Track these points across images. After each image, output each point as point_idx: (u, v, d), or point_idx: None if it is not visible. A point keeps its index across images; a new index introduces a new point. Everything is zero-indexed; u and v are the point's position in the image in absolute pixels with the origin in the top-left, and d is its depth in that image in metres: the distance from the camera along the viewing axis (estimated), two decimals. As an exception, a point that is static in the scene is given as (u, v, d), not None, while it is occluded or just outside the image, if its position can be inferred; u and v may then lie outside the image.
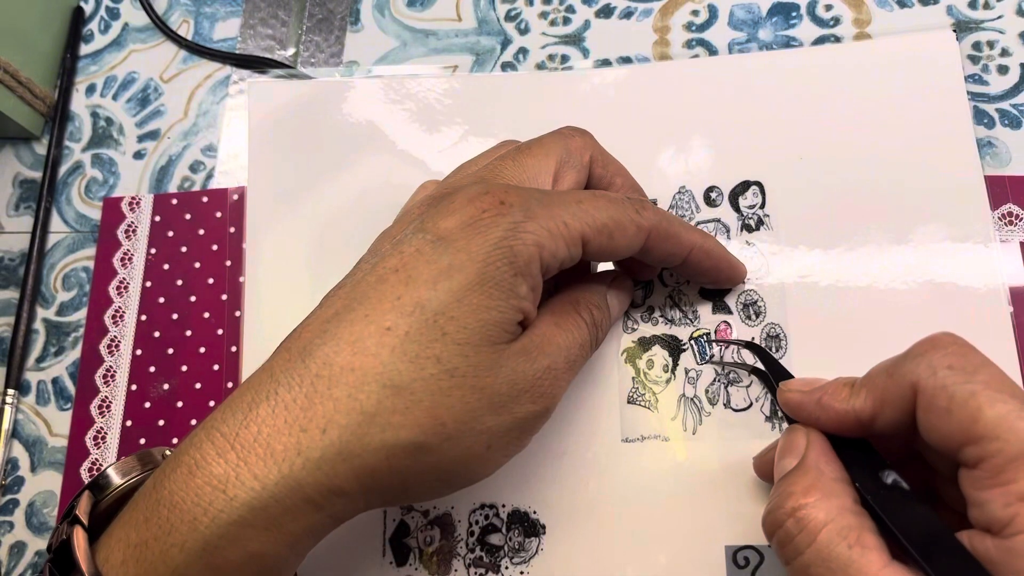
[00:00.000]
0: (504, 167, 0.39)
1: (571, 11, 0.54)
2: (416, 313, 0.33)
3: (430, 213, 0.36)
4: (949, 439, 0.31)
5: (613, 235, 0.37)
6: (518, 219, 0.35)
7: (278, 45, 0.57)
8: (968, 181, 0.46)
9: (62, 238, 0.54)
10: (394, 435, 0.32)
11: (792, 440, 0.36)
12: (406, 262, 0.34)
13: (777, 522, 0.33)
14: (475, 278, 0.33)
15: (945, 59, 0.49)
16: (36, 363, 0.52)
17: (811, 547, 0.31)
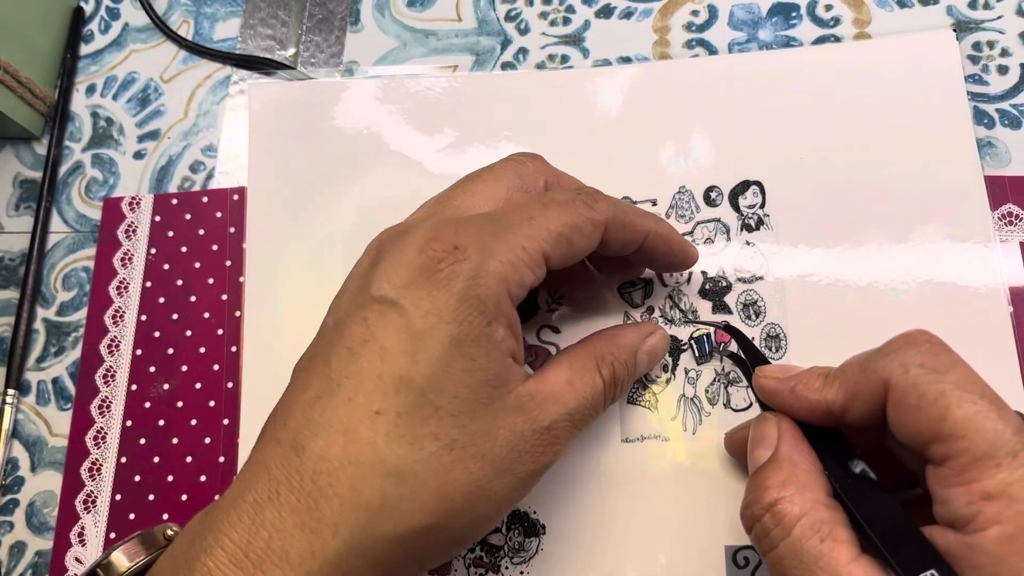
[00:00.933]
0: (453, 196, 0.38)
1: (571, 11, 0.54)
2: (403, 391, 0.32)
3: (384, 268, 0.34)
4: (917, 436, 0.31)
5: (572, 240, 0.36)
6: (476, 262, 0.33)
7: (278, 45, 0.57)
8: (968, 181, 0.46)
9: (62, 238, 0.54)
10: (405, 524, 0.32)
11: (763, 430, 0.37)
12: (374, 332, 0.33)
13: (755, 517, 0.33)
14: (451, 342, 0.32)
15: (945, 59, 0.49)
16: (36, 363, 0.52)
17: (785, 541, 0.32)
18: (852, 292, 0.45)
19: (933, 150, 0.47)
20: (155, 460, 0.49)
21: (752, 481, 0.35)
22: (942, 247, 0.46)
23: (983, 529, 0.29)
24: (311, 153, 0.53)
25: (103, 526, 0.48)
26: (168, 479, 0.49)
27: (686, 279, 0.47)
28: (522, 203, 0.37)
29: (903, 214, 0.46)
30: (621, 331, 0.41)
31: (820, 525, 0.31)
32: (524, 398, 0.34)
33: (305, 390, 0.34)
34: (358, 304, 0.35)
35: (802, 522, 0.32)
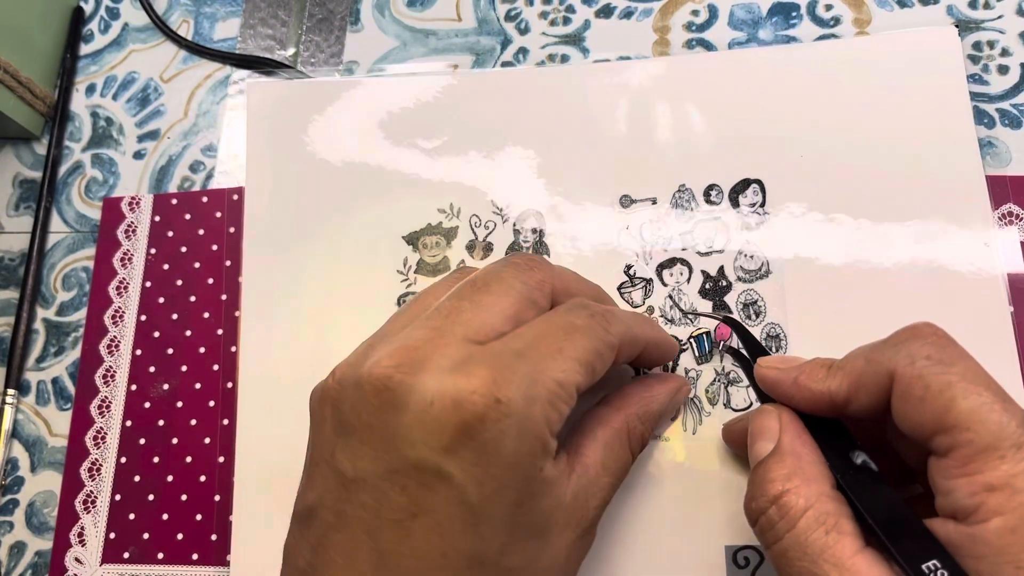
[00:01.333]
0: (461, 310, 0.34)
1: (571, 11, 0.54)
2: (476, 568, 0.31)
3: (410, 423, 0.31)
4: (921, 427, 0.31)
5: (595, 368, 0.35)
6: (521, 415, 0.31)
7: (278, 45, 0.57)
8: (970, 178, 0.46)
9: (62, 238, 0.54)
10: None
11: (764, 423, 0.37)
12: (422, 504, 0.30)
13: (760, 509, 0.33)
14: (513, 506, 0.31)
15: (947, 55, 0.49)
16: (36, 363, 0.52)
17: (790, 533, 0.32)
18: (853, 292, 0.45)
19: (935, 146, 0.47)
20: (155, 460, 0.49)
21: (755, 474, 0.35)
22: (944, 246, 0.45)
23: (985, 520, 0.29)
24: (310, 152, 0.53)
25: (103, 526, 0.48)
26: (168, 479, 0.49)
27: (686, 279, 0.47)
28: (545, 332, 0.34)
29: (905, 213, 0.46)
30: (653, 392, 0.41)
31: (825, 517, 0.31)
32: (571, 507, 0.34)
33: (351, 568, 0.31)
34: (387, 465, 0.31)
35: (807, 514, 0.32)
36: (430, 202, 0.50)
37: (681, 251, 0.48)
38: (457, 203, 0.50)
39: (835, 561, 0.30)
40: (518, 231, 0.49)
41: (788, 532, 0.32)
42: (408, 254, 0.50)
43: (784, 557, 0.32)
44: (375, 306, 0.49)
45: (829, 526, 0.31)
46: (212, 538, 0.48)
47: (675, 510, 0.44)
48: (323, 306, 0.50)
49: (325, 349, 0.49)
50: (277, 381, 0.49)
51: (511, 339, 0.33)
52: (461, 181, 0.51)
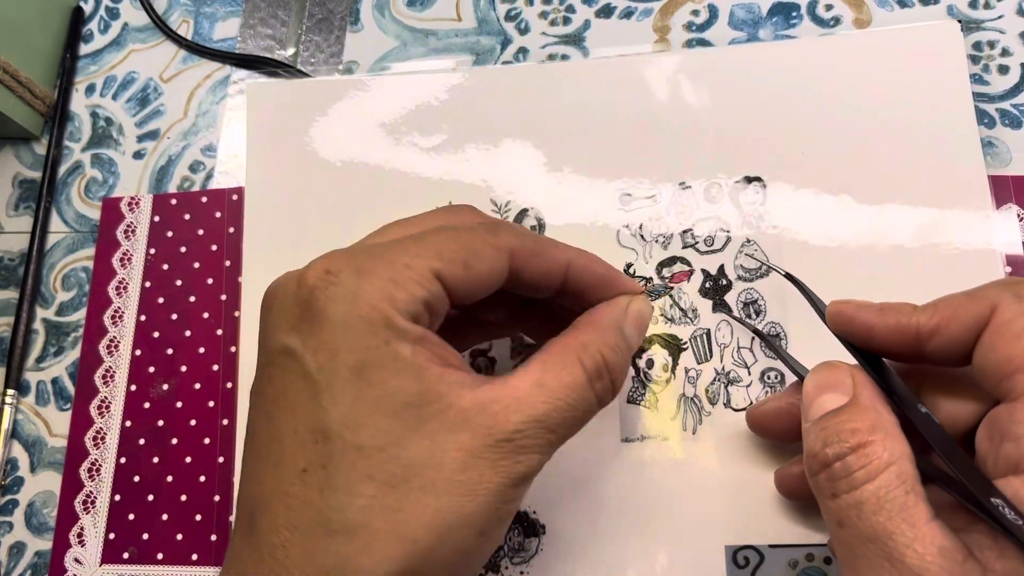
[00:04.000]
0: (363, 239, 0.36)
1: (571, 11, 0.54)
2: (320, 441, 0.30)
3: (272, 316, 0.33)
4: (1009, 363, 0.31)
5: (469, 263, 0.33)
6: (351, 283, 0.31)
7: (278, 45, 0.57)
8: (972, 174, 0.46)
9: (62, 238, 0.54)
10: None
11: (835, 376, 0.35)
12: (281, 388, 0.31)
13: (838, 454, 0.32)
14: (350, 373, 0.30)
15: (950, 50, 0.48)
16: (36, 363, 0.52)
17: (870, 484, 0.30)
18: (855, 290, 0.45)
19: (937, 141, 0.47)
20: (154, 460, 0.49)
21: (827, 422, 0.33)
22: (948, 244, 0.45)
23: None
24: (309, 152, 0.53)
25: (102, 526, 0.48)
26: (167, 479, 0.49)
27: (687, 278, 0.47)
28: (417, 232, 0.35)
29: (908, 211, 0.46)
30: (599, 311, 0.38)
31: (906, 476, 0.30)
32: (471, 411, 0.31)
33: (244, 465, 0.33)
34: (262, 363, 0.33)
35: (890, 469, 0.30)
36: (430, 200, 0.50)
37: (681, 249, 0.47)
38: (456, 201, 0.50)
39: (912, 522, 0.29)
40: (518, 230, 0.49)
41: (867, 483, 0.30)
42: (408, 253, 0.50)
43: (857, 508, 0.30)
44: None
45: (908, 487, 0.30)
46: (212, 538, 0.48)
47: (675, 510, 0.44)
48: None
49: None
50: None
51: (378, 237, 0.35)
52: (460, 179, 0.50)
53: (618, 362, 0.36)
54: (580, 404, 0.34)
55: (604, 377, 0.35)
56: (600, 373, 0.34)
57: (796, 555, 0.43)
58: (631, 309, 0.38)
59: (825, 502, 0.32)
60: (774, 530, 0.43)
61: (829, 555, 0.42)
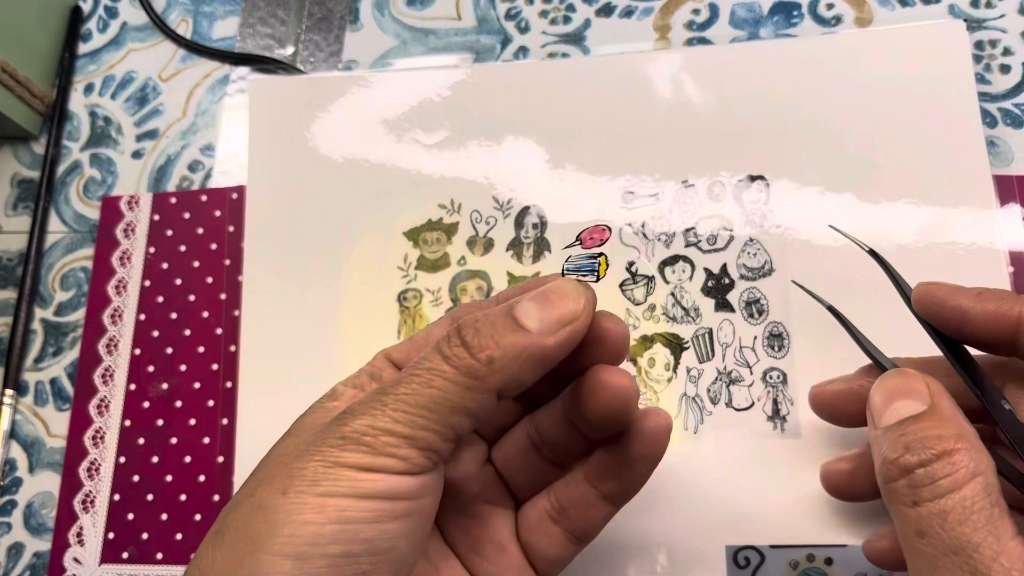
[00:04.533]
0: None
1: (571, 10, 0.54)
2: None
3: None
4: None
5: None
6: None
7: (277, 44, 0.56)
8: (977, 174, 0.46)
9: (60, 238, 0.54)
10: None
11: (909, 383, 0.33)
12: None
13: (923, 461, 0.30)
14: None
15: (955, 49, 0.48)
16: (34, 363, 0.52)
17: (956, 494, 0.29)
18: (857, 290, 0.45)
19: (942, 140, 0.47)
20: (154, 460, 0.49)
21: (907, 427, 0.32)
22: (950, 245, 0.45)
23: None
24: (311, 148, 0.52)
25: (102, 526, 0.48)
26: (167, 479, 0.48)
27: (689, 276, 0.47)
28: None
29: (912, 209, 0.46)
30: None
31: (992, 489, 0.29)
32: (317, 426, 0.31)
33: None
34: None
35: (977, 479, 0.29)
36: (431, 198, 0.50)
37: (684, 248, 0.47)
38: (458, 198, 0.50)
39: (998, 535, 0.28)
40: (519, 226, 0.49)
41: (952, 493, 0.29)
42: (408, 250, 0.50)
43: (941, 518, 0.29)
44: (375, 303, 0.49)
45: (994, 499, 0.29)
46: (211, 538, 0.47)
47: (675, 510, 0.43)
48: (324, 303, 0.49)
49: (326, 347, 0.49)
50: (277, 381, 0.49)
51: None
52: (462, 176, 0.50)
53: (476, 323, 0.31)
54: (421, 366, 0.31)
55: (452, 337, 0.31)
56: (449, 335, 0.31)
57: (797, 555, 0.42)
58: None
59: (903, 510, 0.31)
60: (775, 530, 0.43)
61: (830, 555, 0.42)
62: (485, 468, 0.38)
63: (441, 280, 0.49)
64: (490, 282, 0.49)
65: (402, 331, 0.48)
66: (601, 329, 0.34)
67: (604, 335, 0.34)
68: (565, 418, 0.36)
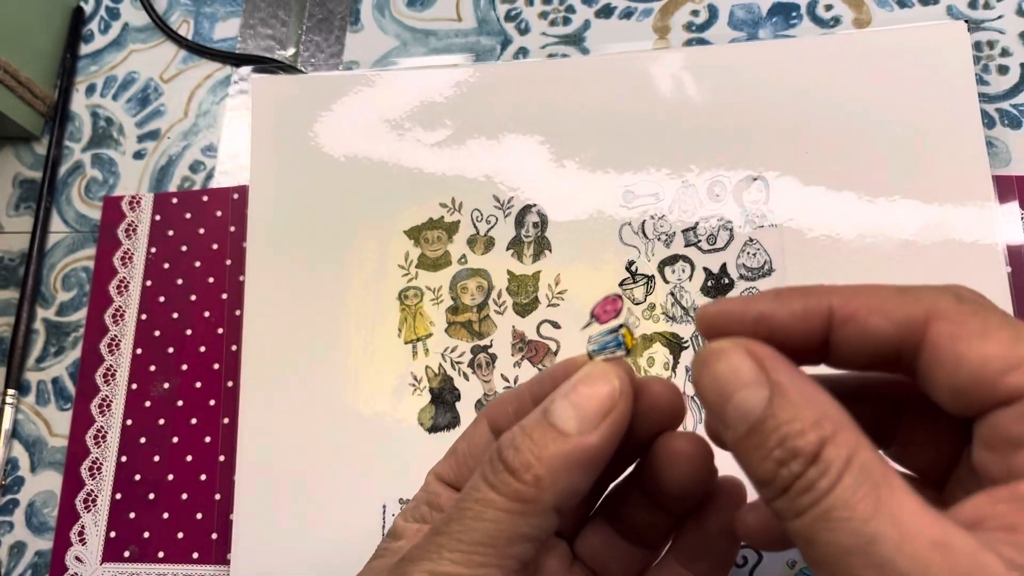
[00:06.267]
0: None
1: (571, 11, 0.54)
2: None
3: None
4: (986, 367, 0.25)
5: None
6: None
7: (278, 45, 0.57)
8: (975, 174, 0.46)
9: (62, 238, 0.54)
10: None
11: (731, 364, 0.27)
12: None
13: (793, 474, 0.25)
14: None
15: (956, 50, 0.48)
16: (36, 363, 0.52)
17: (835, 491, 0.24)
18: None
19: (942, 140, 0.47)
20: (155, 459, 0.49)
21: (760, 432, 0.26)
22: (952, 243, 0.45)
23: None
24: (313, 147, 0.53)
25: (103, 525, 0.48)
26: (168, 478, 0.49)
27: (688, 276, 0.47)
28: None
29: (912, 210, 0.46)
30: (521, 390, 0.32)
31: (872, 465, 0.24)
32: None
33: None
34: None
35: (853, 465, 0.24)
36: (432, 196, 0.51)
37: (684, 247, 0.48)
38: (459, 197, 0.50)
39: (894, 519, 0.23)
40: (520, 225, 0.49)
41: (832, 491, 0.24)
42: (409, 248, 0.50)
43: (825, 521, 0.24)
44: (376, 301, 0.49)
45: (878, 476, 0.24)
46: (212, 537, 0.47)
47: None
48: (325, 302, 0.50)
49: (327, 346, 0.49)
50: (279, 381, 0.49)
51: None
52: (463, 175, 0.51)
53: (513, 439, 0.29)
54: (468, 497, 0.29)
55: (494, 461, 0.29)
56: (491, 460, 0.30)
57: (794, 555, 0.42)
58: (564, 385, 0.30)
59: (789, 525, 0.25)
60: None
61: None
62: (574, 568, 0.34)
63: (442, 278, 0.49)
64: (490, 281, 0.49)
65: (402, 329, 0.49)
66: (652, 397, 0.31)
67: (656, 402, 0.31)
68: (643, 496, 0.33)
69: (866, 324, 0.27)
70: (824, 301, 0.27)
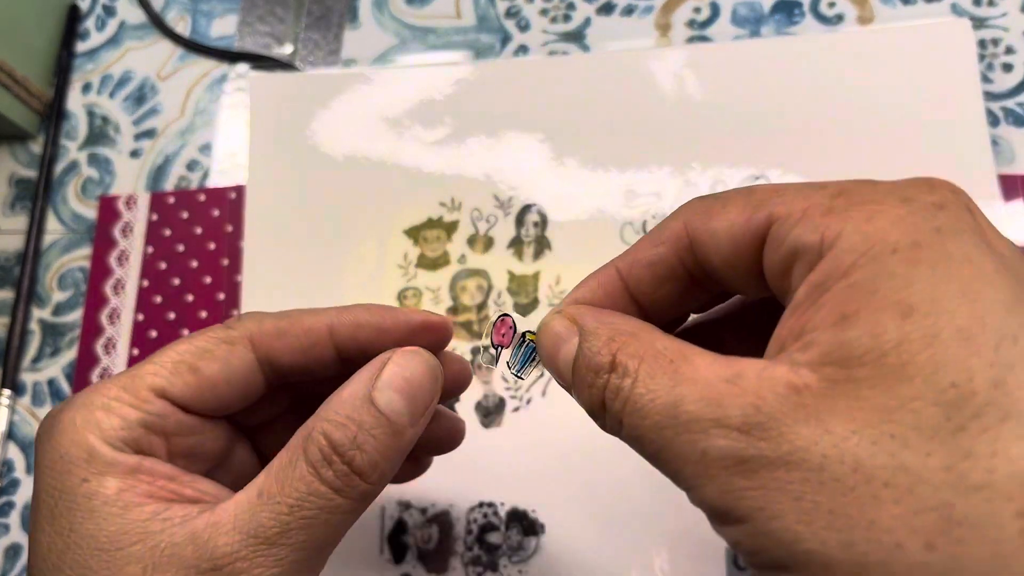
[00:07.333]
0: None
1: (571, 8, 0.54)
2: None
3: None
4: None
5: (197, 366, 0.30)
6: (59, 421, 0.29)
7: (276, 42, 0.56)
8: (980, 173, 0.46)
9: (58, 238, 0.54)
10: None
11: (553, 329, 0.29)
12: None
13: (603, 385, 0.26)
14: (46, 523, 0.28)
15: (960, 48, 0.48)
16: (32, 363, 0.52)
17: (638, 382, 0.25)
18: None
19: (946, 138, 0.47)
20: (152, 461, 0.49)
21: (578, 370, 0.27)
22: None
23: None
24: (312, 146, 0.52)
25: (99, 528, 0.48)
26: (165, 480, 0.48)
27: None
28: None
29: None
30: (345, 384, 0.30)
31: (667, 350, 0.25)
32: (181, 544, 0.27)
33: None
34: None
35: (646, 359, 0.25)
36: (431, 195, 0.50)
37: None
38: (458, 197, 0.50)
39: (692, 379, 0.24)
40: (520, 225, 0.49)
41: (634, 385, 0.25)
42: (408, 248, 0.49)
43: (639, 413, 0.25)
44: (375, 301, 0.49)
45: (673, 355, 0.25)
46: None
47: (675, 512, 0.43)
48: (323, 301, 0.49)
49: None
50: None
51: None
52: (462, 174, 0.50)
53: (356, 439, 0.28)
54: (307, 502, 0.28)
55: (334, 462, 0.28)
56: (326, 459, 0.28)
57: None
58: (386, 369, 0.30)
59: (623, 438, 0.26)
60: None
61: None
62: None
63: (441, 278, 0.49)
64: (490, 280, 0.48)
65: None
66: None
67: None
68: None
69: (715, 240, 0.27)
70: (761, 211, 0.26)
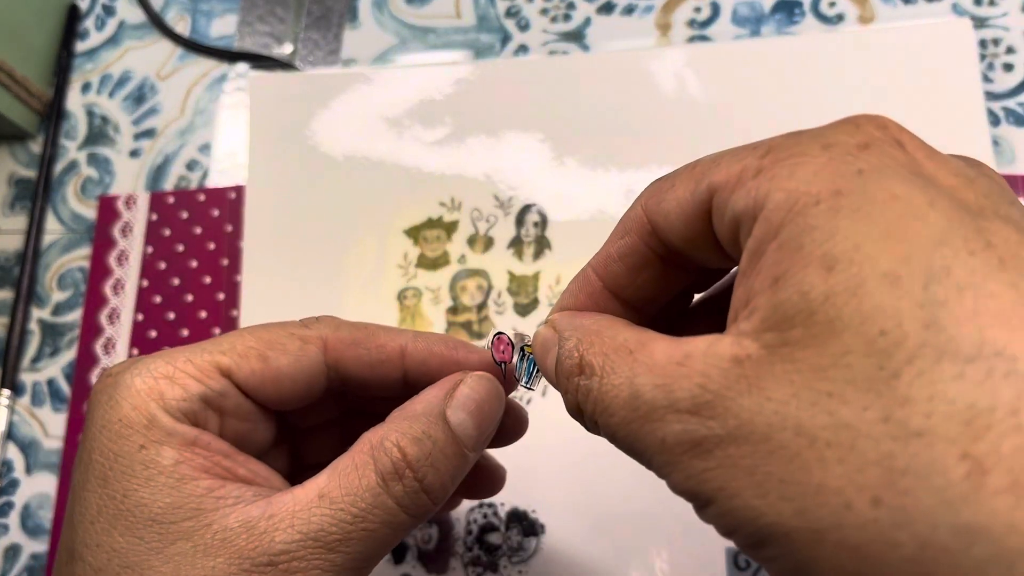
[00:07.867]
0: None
1: (572, 7, 0.54)
2: (68, 561, 0.28)
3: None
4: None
5: (266, 356, 0.30)
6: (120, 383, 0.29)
7: (276, 42, 0.56)
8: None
9: (57, 238, 0.54)
10: None
11: (541, 340, 0.30)
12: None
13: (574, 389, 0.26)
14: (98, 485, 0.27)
15: (961, 47, 0.48)
16: (31, 364, 0.52)
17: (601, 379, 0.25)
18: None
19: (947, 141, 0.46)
20: (151, 461, 0.49)
21: (559, 374, 0.27)
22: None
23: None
24: (312, 146, 0.52)
25: (98, 528, 0.48)
26: (164, 480, 0.48)
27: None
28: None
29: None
30: (418, 396, 0.31)
31: (627, 342, 0.25)
32: (234, 531, 0.27)
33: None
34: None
35: (609, 356, 0.25)
36: (431, 195, 0.50)
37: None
38: (458, 197, 0.50)
39: (647, 365, 0.24)
40: (520, 224, 0.49)
41: (601, 383, 0.25)
42: (408, 248, 0.49)
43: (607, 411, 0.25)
44: (375, 301, 0.49)
45: (632, 346, 0.24)
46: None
47: (675, 510, 0.43)
48: (323, 302, 0.49)
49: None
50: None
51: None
52: (462, 173, 0.50)
53: (430, 456, 0.29)
54: (372, 514, 0.28)
55: (405, 476, 0.28)
56: (398, 472, 0.28)
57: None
58: (460, 390, 0.31)
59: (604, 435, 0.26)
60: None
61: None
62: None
63: (441, 278, 0.49)
64: (490, 280, 0.48)
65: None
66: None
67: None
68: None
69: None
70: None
